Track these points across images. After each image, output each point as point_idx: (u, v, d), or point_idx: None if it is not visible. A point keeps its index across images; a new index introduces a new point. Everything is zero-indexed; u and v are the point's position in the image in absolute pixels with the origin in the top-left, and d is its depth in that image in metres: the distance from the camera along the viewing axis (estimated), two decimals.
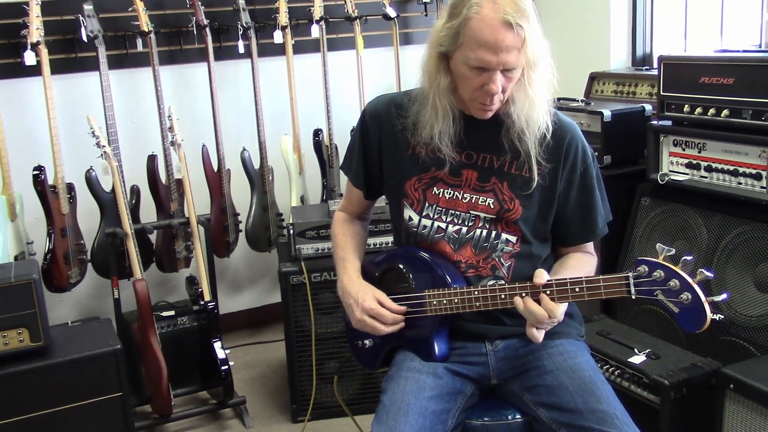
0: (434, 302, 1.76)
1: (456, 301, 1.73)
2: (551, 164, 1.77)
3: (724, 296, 1.56)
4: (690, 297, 1.52)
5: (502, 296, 1.69)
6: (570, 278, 1.64)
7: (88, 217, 3.25)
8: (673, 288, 1.53)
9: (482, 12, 1.59)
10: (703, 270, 1.52)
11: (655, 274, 1.54)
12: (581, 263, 1.84)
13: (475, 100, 1.70)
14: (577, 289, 1.62)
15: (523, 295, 1.67)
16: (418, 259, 1.82)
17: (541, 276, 1.66)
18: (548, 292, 1.65)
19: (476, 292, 1.72)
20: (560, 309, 1.65)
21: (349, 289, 1.84)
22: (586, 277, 1.62)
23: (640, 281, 1.56)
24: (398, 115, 1.84)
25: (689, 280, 1.52)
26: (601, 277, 1.60)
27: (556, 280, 1.66)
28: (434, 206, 1.82)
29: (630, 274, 1.57)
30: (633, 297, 1.58)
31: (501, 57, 1.60)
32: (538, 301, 1.64)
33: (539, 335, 1.67)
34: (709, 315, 1.52)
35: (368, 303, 1.78)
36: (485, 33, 1.59)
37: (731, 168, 2.48)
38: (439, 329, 1.80)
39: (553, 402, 1.70)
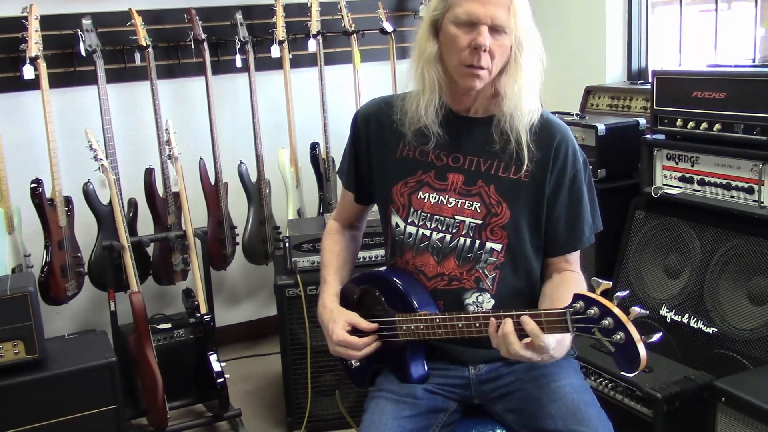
0: (404, 327, 1.73)
1: (422, 327, 1.70)
2: (540, 163, 1.74)
3: (659, 335, 1.42)
4: (623, 337, 1.39)
5: (459, 325, 1.64)
6: (516, 311, 1.55)
7: (85, 229, 3.27)
8: (607, 327, 1.41)
9: None
10: (636, 307, 1.41)
11: (590, 311, 1.43)
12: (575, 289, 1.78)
13: (462, 64, 1.66)
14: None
15: (477, 325, 1.60)
16: (390, 284, 1.80)
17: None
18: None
19: (437, 320, 1.68)
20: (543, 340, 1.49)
21: (322, 319, 1.84)
22: (529, 311, 1.53)
23: (578, 318, 1.45)
24: (388, 113, 1.83)
25: (622, 318, 1.40)
26: (542, 311, 1.52)
27: (504, 312, 1.57)
28: (419, 212, 1.80)
29: (567, 310, 1.47)
30: (572, 334, 1.49)
31: (489, 9, 1.62)
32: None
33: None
34: (644, 357, 1.38)
35: (336, 336, 1.76)
36: None
37: (724, 182, 2.50)
38: (415, 353, 1.78)
39: (535, 426, 1.69)
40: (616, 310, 1.41)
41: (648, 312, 1.48)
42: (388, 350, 1.79)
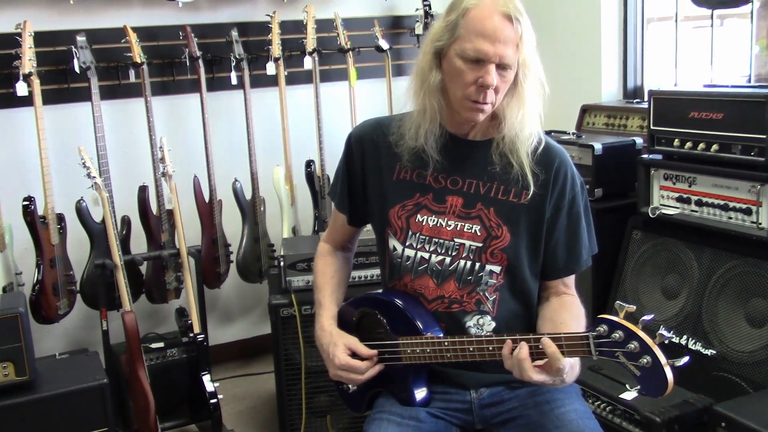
0: (408, 350, 1.72)
1: (428, 350, 1.69)
2: (540, 187, 1.73)
3: (686, 359, 1.42)
4: (650, 361, 1.40)
5: (471, 349, 1.64)
6: (533, 335, 1.56)
7: (78, 247, 3.24)
8: (633, 351, 1.42)
9: (482, 3, 1.61)
10: (662, 332, 1.42)
11: (614, 335, 1.44)
12: (577, 317, 1.75)
13: (467, 98, 1.65)
14: (540, 346, 1.53)
15: (490, 348, 1.60)
16: (391, 306, 1.78)
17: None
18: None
19: (446, 343, 1.67)
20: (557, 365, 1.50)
21: (321, 342, 1.82)
22: (548, 334, 1.54)
23: (601, 342, 1.46)
24: (383, 134, 1.81)
25: (648, 342, 1.41)
26: (563, 334, 1.53)
27: (520, 335, 1.57)
28: (417, 234, 1.78)
29: (590, 334, 1.47)
30: (594, 358, 1.48)
31: (498, 48, 1.59)
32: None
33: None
34: (671, 381, 1.40)
35: (338, 359, 1.75)
36: (485, 22, 1.60)
37: (721, 202, 2.48)
38: (417, 376, 1.77)
39: None
40: (642, 334, 1.42)
41: (674, 335, 1.49)
42: (389, 373, 1.78)
